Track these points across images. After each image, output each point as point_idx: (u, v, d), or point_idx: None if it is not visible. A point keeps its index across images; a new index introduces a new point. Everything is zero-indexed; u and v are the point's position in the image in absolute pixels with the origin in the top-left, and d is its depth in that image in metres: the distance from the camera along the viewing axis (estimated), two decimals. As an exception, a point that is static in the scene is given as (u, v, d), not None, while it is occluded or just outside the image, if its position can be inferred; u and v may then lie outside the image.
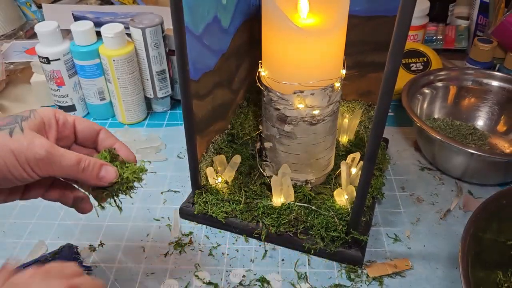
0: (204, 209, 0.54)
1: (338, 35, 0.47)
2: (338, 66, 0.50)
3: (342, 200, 0.52)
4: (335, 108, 0.52)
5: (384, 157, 0.62)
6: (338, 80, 0.50)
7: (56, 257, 0.46)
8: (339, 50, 0.49)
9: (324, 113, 0.51)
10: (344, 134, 0.63)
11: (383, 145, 0.64)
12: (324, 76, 0.48)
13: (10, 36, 0.93)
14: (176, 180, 0.63)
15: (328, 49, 0.47)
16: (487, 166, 0.58)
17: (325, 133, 0.53)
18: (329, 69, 0.49)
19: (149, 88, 0.73)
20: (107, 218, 0.57)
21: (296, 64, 0.47)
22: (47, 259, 0.46)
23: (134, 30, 0.67)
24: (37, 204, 0.59)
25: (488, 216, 0.47)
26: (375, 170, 0.56)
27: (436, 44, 0.91)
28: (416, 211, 0.57)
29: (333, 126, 0.54)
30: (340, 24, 0.47)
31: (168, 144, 0.69)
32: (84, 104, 0.75)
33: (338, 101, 0.53)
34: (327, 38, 0.47)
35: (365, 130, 0.64)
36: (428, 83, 0.70)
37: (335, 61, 0.49)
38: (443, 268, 0.50)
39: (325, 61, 0.48)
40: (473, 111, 0.70)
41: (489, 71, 0.70)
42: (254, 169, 0.59)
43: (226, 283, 0.48)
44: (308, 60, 0.47)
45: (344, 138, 0.63)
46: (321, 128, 0.52)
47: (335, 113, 0.53)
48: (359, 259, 0.49)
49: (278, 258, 0.51)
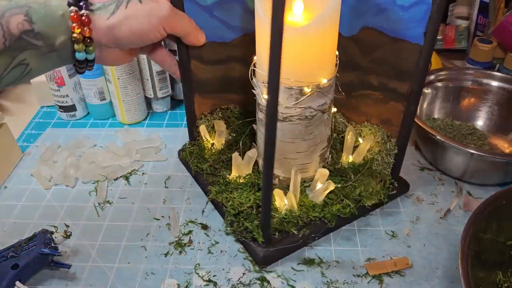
0: (185, 157, 0.62)
1: (310, 37, 0.45)
2: (311, 71, 0.48)
3: (280, 202, 0.52)
4: (307, 114, 0.50)
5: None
6: (310, 86, 0.48)
7: (30, 243, 0.47)
8: (311, 54, 0.46)
9: (290, 113, 0.50)
10: (347, 154, 0.59)
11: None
12: (289, 76, 0.47)
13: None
14: (176, 180, 0.63)
15: (295, 49, 0.45)
16: (487, 166, 0.58)
17: (293, 135, 0.52)
18: (296, 70, 0.47)
19: (149, 88, 0.73)
20: (107, 218, 0.57)
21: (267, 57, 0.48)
22: (21, 245, 0.47)
23: (134, 30, 0.67)
24: (37, 204, 0.59)
25: (488, 216, 0.47)
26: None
27: (436, 44, 0.91)
28: (416, 211, 0.57)
29: (308, 133, 0.52)
30: (314, 27, 0.44)
31: (168, 144, 0.70)
32: (84, 104, 0.75)
33: (320, 111, 0.51)
34: (297, 37, 0.45)
35: (379, 163, 0.58)
36: (428, 83, 0.70)
37: (306, 64, 0.47)
38: (443, 268, 0.50)
39: (292, 61, 0.46)
40: (473, 111, 0.70)
41: (489, 71, 0.70)
42: (249, 146, 0.63)
43: (225, 282, 0.48)
44: (286, 58, 0.47)
45: (345, 158, 0.59)
46: (288, 127, 0.51)
47: (309, 120, 0.51)
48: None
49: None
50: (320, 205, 0.53)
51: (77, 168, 0.64)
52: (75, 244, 0.53)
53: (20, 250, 0.47)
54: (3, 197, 0.60)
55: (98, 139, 0.71)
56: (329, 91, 0.51)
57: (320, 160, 0.57)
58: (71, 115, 0.75)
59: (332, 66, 0.50)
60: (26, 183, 0.63)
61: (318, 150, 0.55)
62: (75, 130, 0.73)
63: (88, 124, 0.75)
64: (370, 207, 0.55)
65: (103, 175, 0.63)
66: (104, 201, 0.59)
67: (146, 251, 0.52)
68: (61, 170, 0.63)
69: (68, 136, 0.72)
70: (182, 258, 0.51)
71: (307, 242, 0.52)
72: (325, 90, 0.50)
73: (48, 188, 0.62)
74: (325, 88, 0.49)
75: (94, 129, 0.74)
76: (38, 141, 0.71)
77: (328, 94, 0.51)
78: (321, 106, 0.51)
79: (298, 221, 0.52)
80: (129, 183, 0.62)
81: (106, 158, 0.65)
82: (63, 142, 0.70)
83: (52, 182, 0.62)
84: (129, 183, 0.62)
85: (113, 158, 0.65)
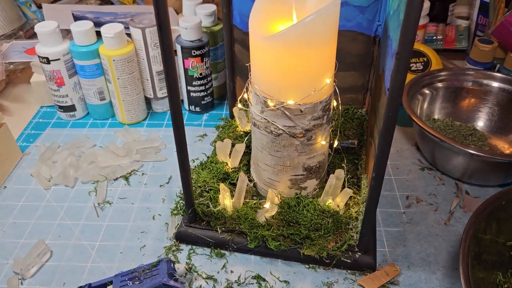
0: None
1: (274, 50, 0.43)
2: (273, 86, 0.45)
3: (221, 197, 0.53)
4: (272, 129, 0.48)
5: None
6: (273, 101, 0.45)
7: (153, 269, 0.47)
8: (277, 69, 0.44)
9: (257, 119, 0.49)
10: (328, 198, 0.52)
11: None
12: (256, 82, 0.47)
13: (10, 36, 0.93)
14: (176, 180, 0.63)
15: (261, 57, 0.45)
16: (487, 167, 0.58)
17: (261, 144, 0.51)
18: (261, 79, 0.46)
19: (149, 88, 0.73)
20: (107, 218, 0.57)
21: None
22: (144, 271, 0.47)
23: (134, 30, 0.67)
24: (37, 204, 0.59)
25: (488, 217, 0.47)
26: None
27: (436, 44, 0.91)
28: (416, 211, 0.57)
29: (274, 150, 0.50)
30: (280, 40, 0.42)
31: (168, 144, 0.69)
32: (84, 104, 0.75)
33: (287, 133, 0.47)
34: (265, 46, 0.44)
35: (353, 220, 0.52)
36: (428, 83, 0.70)
37: (271, 78, 0.45)
38: (442, 269, 0.50)
39: (259, 69, 0.46)
40: (473, 112, 0.70)
41: (489, 72, 0.70)
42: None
43: (224, 281, 0.48)
44: (252, 61, 0.48)
45: (328, 202, 0.52)
46: (257, 133, 0.51)
47: (275, 137, 0.48)
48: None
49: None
50: (254, 222, 0.51)
51: (76, 168, 0.64)
52: (75, 244, 0.53)
53: (144, 277, 0.46)
54: (2, 197, 0.60)
55: (98, 139, 0.71)
56: (300, 117, 0.47)
57: (292, 186, 0.53)
58: (70, 115, 0.75)
59: (302, 92, 0.45)
60: (26, 183, 0.63)
61: (288, 173, 0.52)
62: (75, 130, 0.73)
63: (87, 124, 0.75)
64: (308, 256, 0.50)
65: (103, 175, 0.63)
66: (104, 201, 0.59)
67: (146, 251, 0.52)
68: (60, 170, 0.63)
69: (68, 136, 0.72)
70: (181, 257, 0.51)
71: (225, 246, 0.52)
72: (293, 113, 0.46)
73: (48, 188, 0.62)
74: (293, 111, 0.46)
75: (94, 129, 0.74)
76: (37, 141, 0.71)
77: (297, 120, 0.47)
78: (289, 129, 0.47)
79: (226, 222, 0.52)
80: (128, 183, 0.62)
81: (106, 158, 0.65)
82: (63, 142, 0.70)
83: (52, 182, 0.62)
84: (129, 183, 0.62)
85: (112, 158, 0.65)
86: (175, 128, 0.44)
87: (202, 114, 0.77)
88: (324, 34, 0.43)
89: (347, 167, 0.58)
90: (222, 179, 0.57)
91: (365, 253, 0.49)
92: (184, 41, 0.69)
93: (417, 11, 0.32)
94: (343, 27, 0.62)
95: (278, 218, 0.51)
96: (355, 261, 0.49)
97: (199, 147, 0.69)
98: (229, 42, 0.65)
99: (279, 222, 0.51)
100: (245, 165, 0.59)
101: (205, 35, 0.70)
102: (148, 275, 0.46)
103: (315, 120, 0.48)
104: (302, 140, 0.49)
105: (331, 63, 0.46)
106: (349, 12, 0.61)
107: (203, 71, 0.71)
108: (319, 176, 0.54)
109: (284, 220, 0.51)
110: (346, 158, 0.60)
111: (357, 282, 0.48)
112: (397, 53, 0.34)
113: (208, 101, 0.76)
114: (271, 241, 0.50)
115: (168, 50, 0.38)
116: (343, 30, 0.62)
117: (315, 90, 0.45)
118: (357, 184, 0.56)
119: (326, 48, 0.44)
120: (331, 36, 0.44)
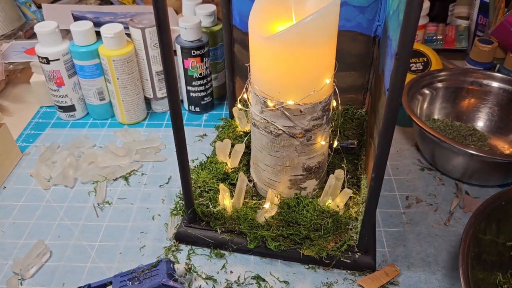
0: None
1: (273, 51, 0.43)
2: (273, 86, 0.45)
3: (220, 197, 0.53)
4: (272, 129, 0.48)
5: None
6: (273, 102, 0.46)
7: (153, 270, 0.47)
8: (277, 69, 0.44)
9: (257, 119, 0.49)
10: (328, 198, 0.52)
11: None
12: (256, 83, 0.47)
13: (10, 36, 0.93)
14: (176, 180, 0.63)
15: (261, 57, 0.45)
16: (487, 167, 0.58)
17: (261, 144, 0.51)
18: (261, 79, 0.46)
19: (149, 88, 0.73)
20: (107, 219, 0.57)
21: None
22: (143, 271, 0.47)
23: (134, 30, 0.67)
24: (37, 204, 0.59)
25: (488, 217, 0.47)
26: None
27: (436, 44, 0.91)
28: (415, 212, 0.57)
29: (274, 150, 0.50)
30: (280, 40, 0.42)
31: (168, 144, 0.69)
32: (84, 104, 0.75)
33: (287, 133, 0.48)
34: (264, 45, 0.43)
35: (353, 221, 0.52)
36: (428, 83, 0.70)
37: (271, 79, 0.45)
38: (442, 269, 0.50)
39: (258, 69, 0.46)
40: (473, 112, 0.70)
41: (489, 72, 0.70)
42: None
43: (224, 281, 0.48)
44: (252, 61, 0.48)
45: (327, 203, 0.52)
46: (257, 134, 0.51)
47: (275, 137, 0.49)
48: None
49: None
50: (254, 222, 0.51)
51: (76, 168, 0.64)
52: (74, 244, 0.53)
53: (143, 277, 0.46)
54: (2, 197, 0.60)
55: (98, 139, 0.71)
56: (300, 118, 0.47)
57: (292, 186, 0.53)
58: (70, 115, 0.75)
59: (301, 92, 0.45)
60: (25, 183, 0.63)
61: (288, 174, 0.52)
62: (75, 130, 0.73)
63: (87, 124, 0.75)
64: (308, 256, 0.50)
65: (103, 176, 0.63)
66: (103, 201, 0.59)
67: (145, 252, 0.52)
68: (60, 171, 0.63)
69: (68, 136, 0.72)
70: (181, 257, 0.51)
71: (225, 246, 0.52)
72: (293, 114, 0.46)
73: (47, 188, 0.62)
74: (292, 111, 0.46)
75: (94, 129, 0.74)
76: (37, 141, 0.71)
77: (296, 121, 0.47)
78: (288, 129, 0.48)
79: (225, 222, 0.52)
80: (128, 184, 0.62)
81: (106, 158, 0.65)
82: (62, 142, 0.70)
83: (51, 182, 0.62)
84: (128, 184, 0.62)
85: (112, 158, 0.65)
86: (174, 128, 0.44)
87: (202, 114, 0.77)
88: (324, 34, 0.43)
89: (346, 168, 0.58)
90: (222, 179, 0.57)
91: (365, 253, 0.49)
92: (184, 41, 0.69)
93: (417, 11, 0.31)
94: (343, 27, 0.62)
95: (278, 219, 0.51)
96: (354, 261, 0.49)
97: (199, 147, 0.69)
98: (229, 42, 0.65)
99: (279, 222, 0.51)
100: (244, 165, 0.59)
101: (205, 35, 0.70)
102: (148, 276, 0.46)
103: (315, 120, 0.48)
104: (301, 141, 0.49)
105: (330, 63, 0.46)
106: (349, 12, 0.61)
107: (202, 71, 0.71)
108: (319, 177, 0.54)
109: (283, 220, 0.51)
110: (345, 159, 0.60)
111: (357, 282, 0.48)
112: (397, 53, 0.34)
113: (207, 101, 0.76)
114: (270, 241, 0.50)
115: (168, 50, 0.38)
116: (343, 30, 0.62)
117: (315, 90, 0.45)
118: (356, 184, 0.57)
119: (326, 48, 0.44)
120: (331, 36, 0.44)
